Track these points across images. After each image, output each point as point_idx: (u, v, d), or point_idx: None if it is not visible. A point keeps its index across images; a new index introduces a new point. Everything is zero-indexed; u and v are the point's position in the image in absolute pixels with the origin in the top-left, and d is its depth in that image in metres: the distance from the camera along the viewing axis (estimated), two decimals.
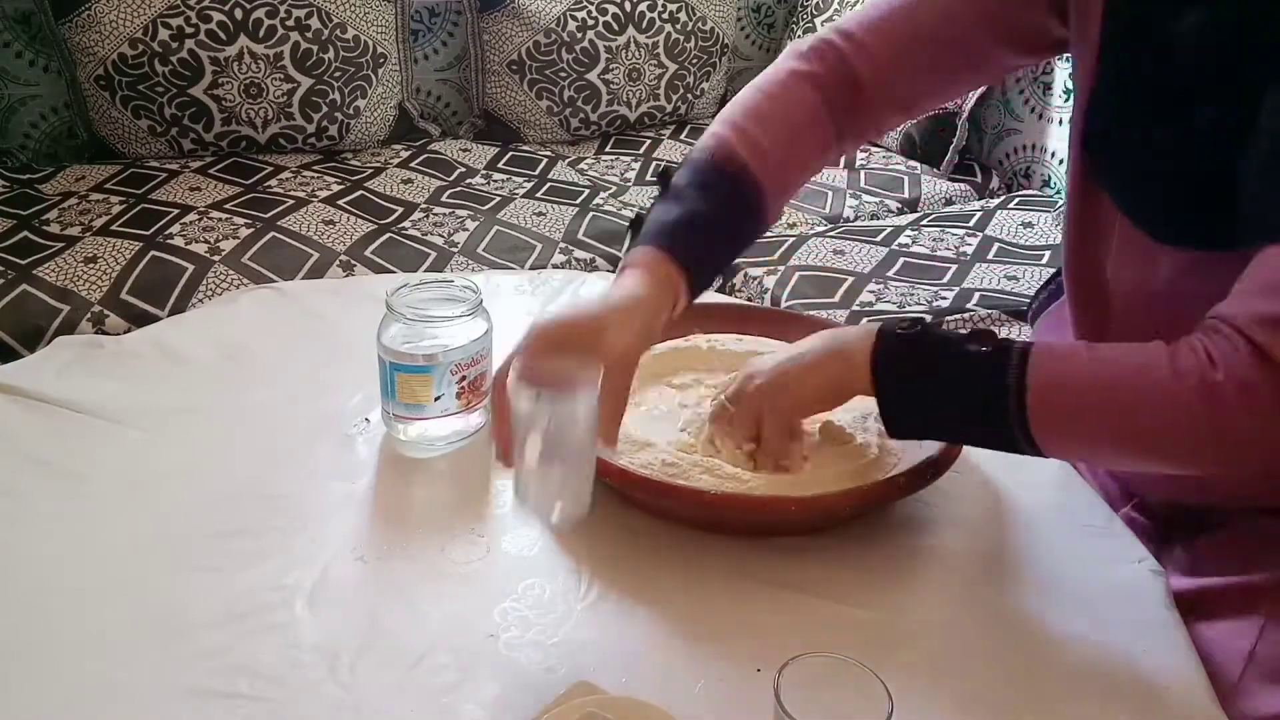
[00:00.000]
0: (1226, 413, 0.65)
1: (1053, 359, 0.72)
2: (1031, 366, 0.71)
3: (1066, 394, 0.71)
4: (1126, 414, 0.70)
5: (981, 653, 0.74)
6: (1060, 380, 0.71)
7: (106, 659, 0.70)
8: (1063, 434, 0.73)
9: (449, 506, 0.87)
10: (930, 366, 0.76)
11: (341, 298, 1.20)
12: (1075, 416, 0.72)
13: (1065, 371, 0.71)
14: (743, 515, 0.83)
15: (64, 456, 0.90)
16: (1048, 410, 0.71)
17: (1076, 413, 0.72)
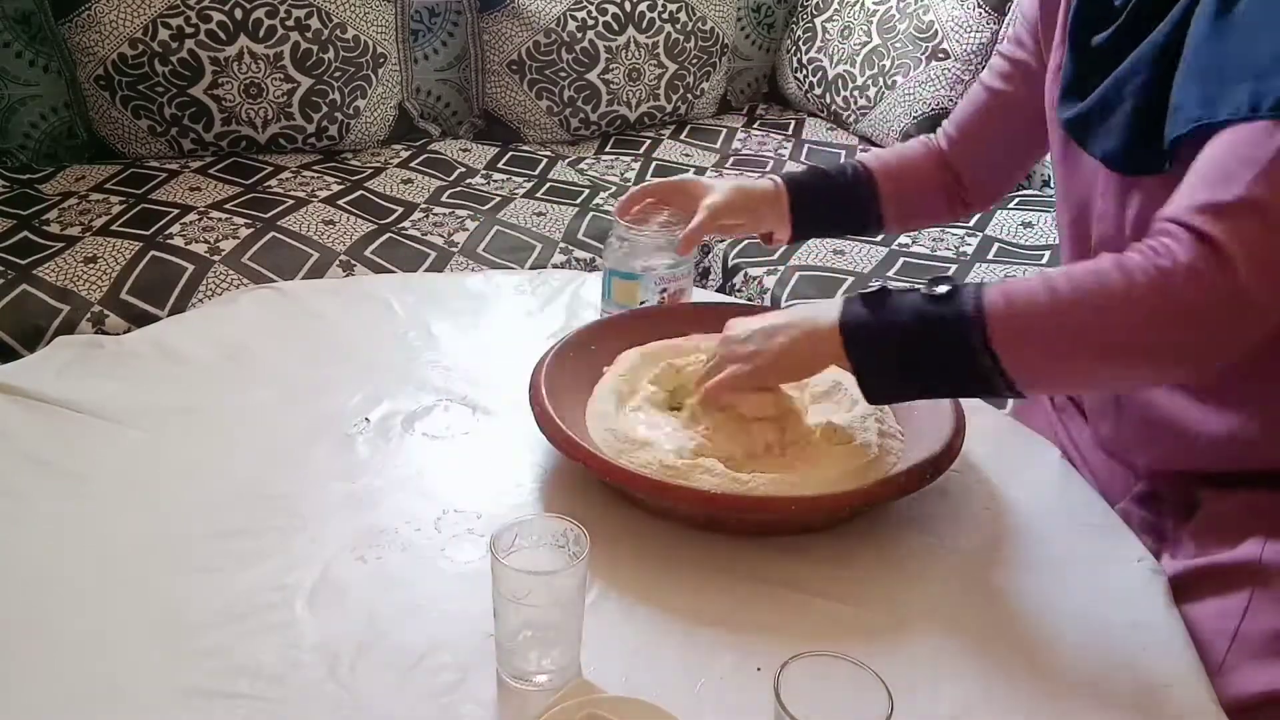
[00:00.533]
0: (1180, 297, 0.68)
1: (1006, 284, 0.74)
2: (987, 294, 0.74)
3: (1024, 313, 0.73)
4: (1086, 320, 0.71)
5: (981, 651, 0.74)
6: (1016, 299, 0.73)
7: (106, 659, 0.70)
8: (1029, 352, 0.74)
9: (449, 506, 0.87)
10: (893, 321, 0.77)
11: (341, 298, 1.21)
12: (1037, 333, 0.73)
13: (1019, 290, 0.74)
14: (743, 515, 0.83)
15: (64, 456, 0.90)
16: (1009, 331, 0.73)
17: (1038, 330, 0.73)
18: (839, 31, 2.42)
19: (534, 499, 0.88)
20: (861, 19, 2.37)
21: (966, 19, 2.21)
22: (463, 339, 1.13)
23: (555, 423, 0.86)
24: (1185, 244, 0.67)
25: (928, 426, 0.90)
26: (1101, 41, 0.85)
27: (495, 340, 1.13)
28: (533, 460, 0.93)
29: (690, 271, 1.12)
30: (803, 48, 2.51)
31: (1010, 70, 1.04)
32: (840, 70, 2.40)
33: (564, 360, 0.97)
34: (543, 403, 0.89)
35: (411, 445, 0.95)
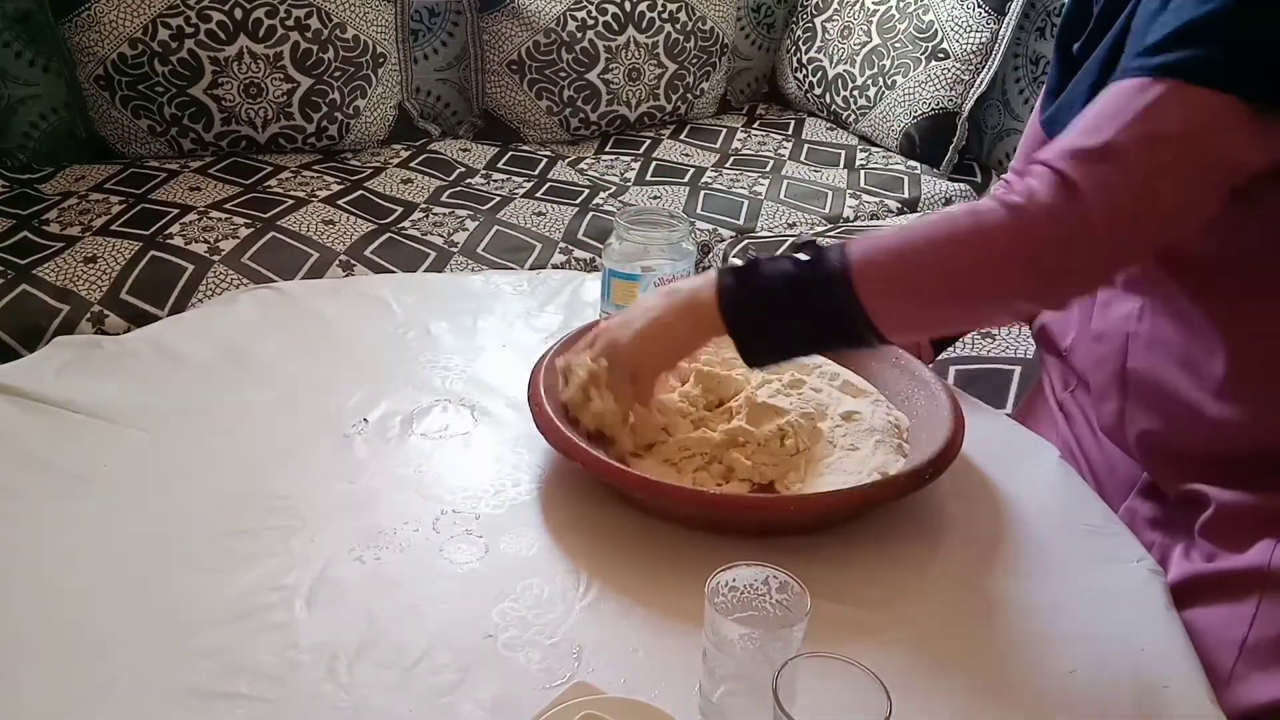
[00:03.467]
0: (1034, 231, 0.72)
1: (866, 237, 0.78)
2: (849, 248, 0.77)
3: (884, 259, 0.77)
4: (943, 258, 0.75)
5: (981, 652, 0.74)
6: (876, 252, 0.77)
7: (106, 659, 0.70)
8: (891, 297, 0.77)
9: (448, 507, 0.87)
10: (765, 285, 0.80)
11: (341, 298, 1.20)
12: (897, 277, 0.77)
13: (878, 242, 0.77)
14: (743, 515, 0.83)
15: (63, 456, 0.90)
16: (871, 278, 0.76)
17: (898, 273, 0.77)
18: (839, 31, 2.42)
19: (533, 499, 0.88)
20: (861, 19, 2.37)
21: (966, 19, 2.20)
22: (462, 339, 1.13)
23: (554, 424, 0.86)
24: (1044, 182, 0.71)
25: (927, 426, 0.90)
26: (1078, 49, 0.89)
27: (494, 340, 1.13)
28: (532, 460, 0.93)
29: (690, 271, 1.12)
30: (802, 47, 2.51)
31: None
32: (840, 70, 2.40)
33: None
34: (542, 403, 0.89)
35: (410, 445, 0.95)
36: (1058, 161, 0.71)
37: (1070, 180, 0.70)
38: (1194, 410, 0.84)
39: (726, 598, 0.67)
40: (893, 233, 0.78)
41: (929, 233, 0.76)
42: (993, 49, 2.21)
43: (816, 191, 2.17)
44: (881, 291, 0.76)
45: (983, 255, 0.74)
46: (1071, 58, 0.91)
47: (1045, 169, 0.72)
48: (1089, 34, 0.88)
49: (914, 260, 0.76)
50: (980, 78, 2.23)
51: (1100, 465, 0.98)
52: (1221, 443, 0.84)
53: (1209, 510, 0.84)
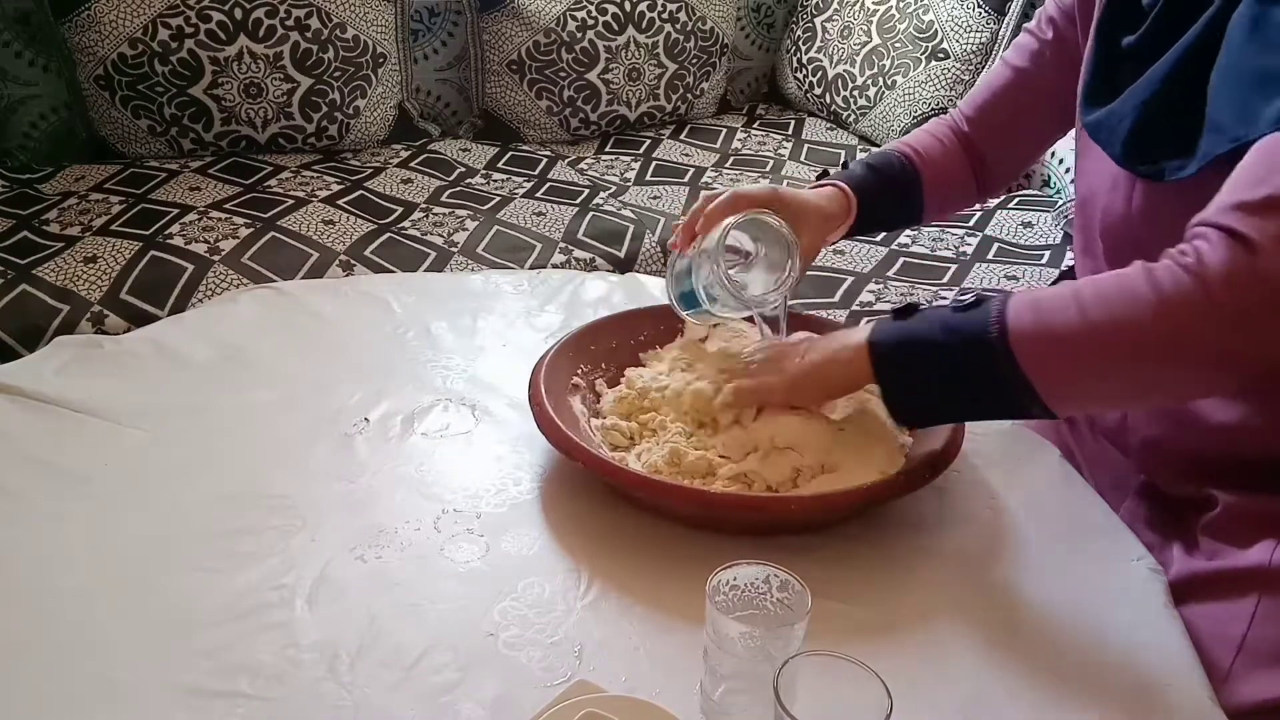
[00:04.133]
0: (1213, 296, 0.65)
1: (1029, 295, 0.72)
2: (1010, 307, 0.71)
3: (1051, 324, 0.70)
4: (1115, 328, 0.68)
5: (981, 651, 0.74)
6: (1039, 311, 0.71)
7: (106, 658, 0.70)
8: (1057, 370, 0.71)
9: (449, 506, 0.87)
10: (920, 339, 0.76)
11: (341, 297, 1.20)
12: (1065, 349, 0.70)
13: (1044, 303, 0.71)
14: (743, 515, 0.83)
15: (63, 456, 0.90)
16: (1034, 345, 0.70)
17: (1066, 345, 0.70)
18: (839, 31, 2.42)
19: (533, 499, 0.88)
20: (861, 19, 2.37)
21: (966, 19, 2.21)
22: (462, 339, 1.13)
23: (555, 423, 0.86)
24: (1215, 243, 0.65)
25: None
26: (1131, 43, 0.85)
27: (494, 340, 1.13)
28: (532, 460, 0.93)
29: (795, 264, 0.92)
30: (802, 47, 2.51)
31: (1039, 49, 1.03)
32: (840, 70, 2.40)
33: (564, 360, 0.97)
34: (542, 403, 0.89)
35: (411, 445, 0.95)
36: (1223, 218, 0.66)
37: (1241, 234, 0.64)
38: (1197, 415, 0.84)
39: (727, 596, 0.67)
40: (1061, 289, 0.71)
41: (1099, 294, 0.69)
42: (993, 49, 2.21)
43: None
44: (1046, 360, 0.70)
45: (1165, 325, 0.67)
46: (1119, 51, 0.86)
47: (1211, 229, 0.66)
48: (1146, 32, 0.83)
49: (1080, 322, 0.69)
50: (980, 78, 2.23)
51: (1099, 465, 0.98)
52: (1225, 447, 0.84)
53: (1215, 510, 0.84)
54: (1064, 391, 0.72)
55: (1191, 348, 0.67)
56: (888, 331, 0.78)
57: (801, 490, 0.85)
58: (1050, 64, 1.02)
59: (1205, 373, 0.69)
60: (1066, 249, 1.91)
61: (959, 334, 0.73)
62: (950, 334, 0.74)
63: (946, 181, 1.11)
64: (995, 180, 1.14)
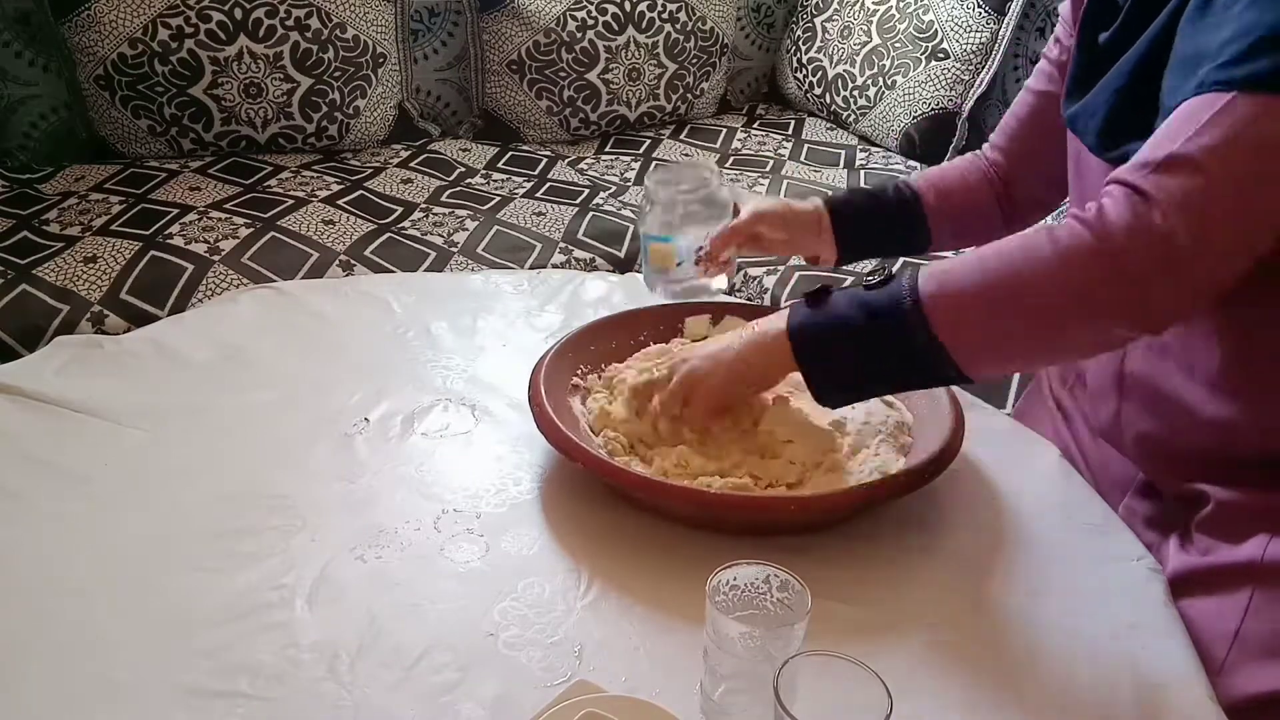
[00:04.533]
0: (1108, 250, 0.68)
1: (939, 265, 0.75)
2: (920, 276, 0.74)
3: (957, 291, 0.73)
4: (1016, 288, 0.71)
5: (981, 651, 0.74)
6: (948, 280, 0.73)
7: (106, 658, 0.70)
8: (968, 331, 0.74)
9: (449, 506, 0.87)
10: (837, 321, 0.78)
11: (341, 297, 1.20)
12: (972, 310, 0.73)
13: (951, 269, 0.74)
14: (743, 515, 0.83)
15: (63, 456, 0.90)
16: (945, 308, 0.73)
17: (972, 307, 0.73)
18: (839, 31, 2.42)
19: (533, 499, 0.88)
20: (861, 19, 2.37)
21: (966, 19, 2.20)
22: (462, 339, 1.13)
23: (555, 424, 0.86)
24: (1116, 198, 0.69)
25: (927, 425, 0.90)
26: (1106, 38, 0.87)
27: (494, 340, 1.13)
28: (532, 460, 0.93)
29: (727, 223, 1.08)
30: (802, 47, 2.51)
31: (1051, 71, 1.05)
32: (840, 70, 2.40)
33: (563, 360, 0.97)
34: (542, 403, 0.89)
35: (411, 445, 0.95)
36: (1127, 175, 0.69)
37: (1141, 190, 0.68)
38: (1191, 411, 0.84)
39: (727, 596, 0.67)
40: (966, 256, 0.74)
41: (1000, 255, 0.72)
42: (993, 49, 2.21)
43: (816, 192, 2.16)
44: (957, 323, 0.73)
45: (1063, 278, 0.70)
46: (1097, 48, 0.89)
47: (1115, 185, 0.70)
48: (1119, 27, 0.86)
49: (983, 283, 0.72)
50: (980, 78, 2.23)
51: (1098, 464, 0.98)
52: (1218, 443, 0.84)
53: (1208, 507, 0.85)
54: (977, 353, 0.75)
55: (1091, 300, 0.70)
56: (805, 317, 0.80)
57: (801, 490, 0.85)
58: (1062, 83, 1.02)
59: (1107, 325, 0.71)
60: None
61: (873, 309, 0.76)
62: (865, 310, 0.76)
63: (959, 207, 1.11)
64: (1028, 206, 1.13)
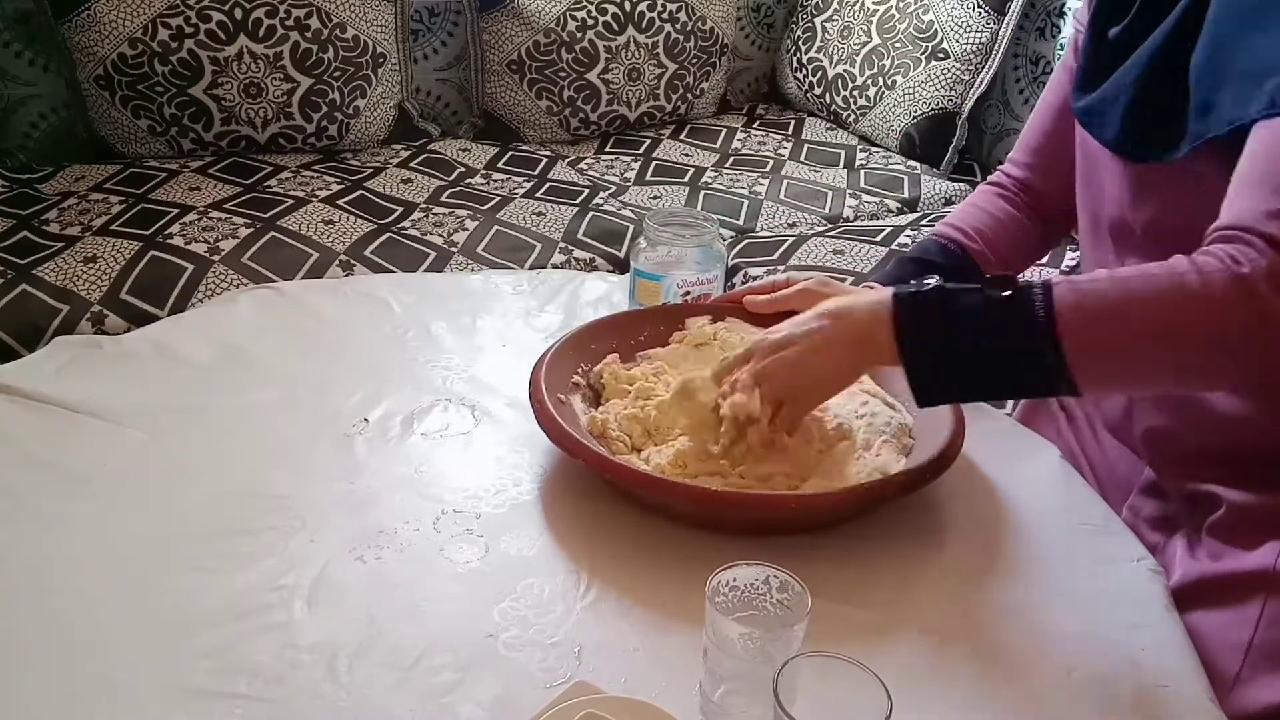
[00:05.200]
0: (1260, 302, 0.66)
1: (1075, 283, 0.72)
2: (1056, 293, 0.71)
3: (1095, 312, 0.71)
4: (1159, 322, 0.70)
5: (981, 652, 0.74)
6: (1087, 299, 0.71)
7: (105, 659, 0.70)
8: (1098, 354, 0.71)
9: (448, 506, 0.87)
10: (954, 321, 0.74)
11: (341, 298, 1.20)
12: (1106, 324, 0.71)
13: (1091, 290, 0.71)
14: (743, 513, 0.83)
15: (63, 456, 0.90)
16: (1080, 332, 0.70)
17: (1107, 321, 0.71)
18: (839, 31, 2.42)
19: (533, 499, 0.88)
20: (861, 19, 2.37)
21: (966, 19, 2.20)
22: (462, 339, 1.13)
23: (555, 420, 0.86)
24: (1261, 250, 0.67)
25: (928, 426, 0.90)
26: (1117, 33, 0.86)
27: (494, 340, 1.13)
28: (532, 460, 0.93)
29: (719, 277, 1.11)
30: (802, 47, 2.51)
31: (1066, 78, 1.02)
32: (840, 70, 2.40)
33: (564, 359, 0.97)
34: (543, 400, 0.89)
35: (410, 445, 0.95)
36: (1262, 224, 0.67)
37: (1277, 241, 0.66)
38: (1202, 406, 0.84)
39: (727, 597, 0.67)
40: (1102, 275, 0.72)
41: (1146, 280, 0.70)
42: (993, 49, 2.21)
43: (816, 191, 2.17)
44: (1083, 331, 0.70)
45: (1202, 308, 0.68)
46: (1108, 42, 0.87)
47: (1253, 235, 0.68)
48: (1131, 21, 0.85)
49: (1124, 302, 0.70)
50: (980, 78, 2.23)
51: (1101, 465, 0.98)
52: (1229, 439, 0.84)
53: (1220, 510, 0.84)
54: (1097, 367, 0.72)
55: (1231, 341, 0.68)
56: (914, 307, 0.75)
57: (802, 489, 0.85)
58: None
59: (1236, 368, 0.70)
60: (1067, 249, 1.90)
61: (1001, 310, 0.72)
62: (990, 306, 0.73)
63: (1005, 249, 1.08)
64: (1063, 217, 1.09)
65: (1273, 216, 0.67)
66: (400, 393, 1.02)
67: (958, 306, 0.74)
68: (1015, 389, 0.79)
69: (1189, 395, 0.85)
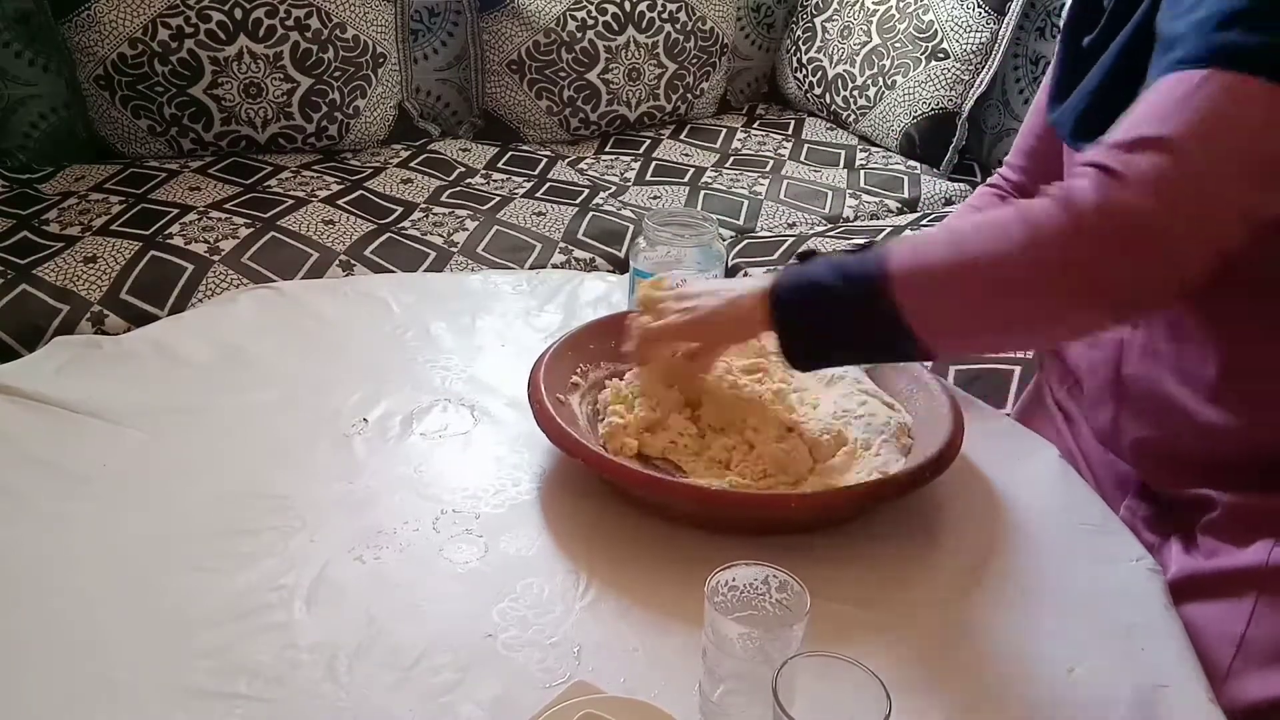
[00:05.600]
0: (1081, 227, 0.66)
1: (912, 241, 0.74)
2: (893, 246, 0.74)
3: (927, 270, 0.72)
4: (986, 259, 0.70)
5: (980, 651, 0.74)
6: (920, 259, 0.73)
7: (105, 659, 0.70)
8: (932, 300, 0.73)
9: (447, 506, 0.87)
10: (808, 282, 0.78)
11: (340, 298, 1.20)
12: (940, 280, 0.72)
13: (925, 250, 0.73)
14: (743, 513, 0.83)
15: (62, 456, 0.90)
16: (914, 291, 0.72)
17: (940, 276, 0.72)
18: (839, 31, 2.42)
19: (533, 499, 0.88)
20: (861, 19, 2.37)
21: (966, 19, 2.20)
22: (461, 339, 1.13)
23: (555, 420, 0.86)
24: (1091, 178, 0.67)
25: (928, 427, 0.90)
26: (1091, 41, 0.86)
27: (494, 340, 1.13)
28: (531, 460, 0.93)
29: (718, 277, 1.11)
30: (802, 47, 2.51)
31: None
32: (840, 70, 2.40)
33: (563, 358, 0.97)
34: (542, 400, 0.89)
35: (410, 445, 0.95)
36: (1098, 156, 0.67)
37: (1111, 169, 0.66)
38: (1187, 416, 0.84)
39: (726, 597, 0.67)
40: (938, 233, 0.74)
41: (974, 227, 0.71)
42: (993, 49, 2.21)
43: (816, 191, 2.17)
44: (924, 300, 0.72)
45: (1033, 255, 0.68)
46: (1081, 52, 0.88)
47: (1089, 167, 0.68)
48: (1102, 29, 0.85)
49: (953, 253, 0.72)
50: (980, 78, 2.23)
51: (1100, 465, 0.98)
52: (1214, 447, 0.84)
53: (1215, 511, 0.84)
54: (939, 326, 0.74)
55: (1059, 278, 0.68)
56: (785, 275, 0.81)
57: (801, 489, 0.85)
58: None
59: (1074, 305, 0.70)
60: None
61: (846, 273, 0.75)
62: (839, 274, 0.76)
63: None
64: None
65: (1109, 147, 0.67)
66: (400, 393, 1.02)
67: (814, 269, 0.78)
68: (866, 349, 0.81)
69: (1170, 406, 0.85)
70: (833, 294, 0.76)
